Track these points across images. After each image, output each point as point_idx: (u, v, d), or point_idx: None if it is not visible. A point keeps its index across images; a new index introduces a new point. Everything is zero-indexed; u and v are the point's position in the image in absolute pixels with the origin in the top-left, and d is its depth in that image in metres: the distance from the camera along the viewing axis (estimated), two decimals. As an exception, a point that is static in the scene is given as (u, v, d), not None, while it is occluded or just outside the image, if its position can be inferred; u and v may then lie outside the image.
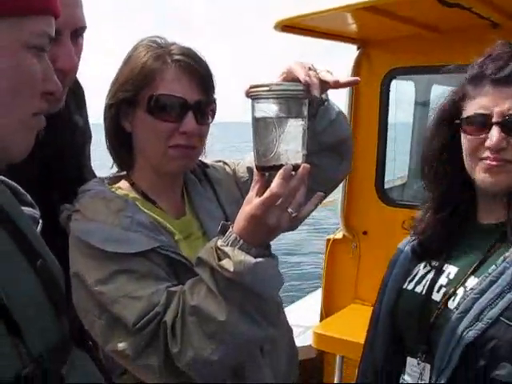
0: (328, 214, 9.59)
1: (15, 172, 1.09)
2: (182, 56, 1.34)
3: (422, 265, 1.46)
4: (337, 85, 1.30)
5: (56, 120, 1.37)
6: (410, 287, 1.44)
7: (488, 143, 1.29)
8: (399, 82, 3.40)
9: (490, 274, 1.28)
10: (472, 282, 1.31)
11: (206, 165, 1.55)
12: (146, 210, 1.35)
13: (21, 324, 0.75)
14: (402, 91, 3.55)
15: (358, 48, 3.33)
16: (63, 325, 0.87)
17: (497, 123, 1.28)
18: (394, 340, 1.46)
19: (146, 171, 1.41)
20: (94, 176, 1.61)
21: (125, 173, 1.45)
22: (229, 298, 1.15)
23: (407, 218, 1.55)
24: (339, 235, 3.52)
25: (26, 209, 1.02)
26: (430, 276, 1.41)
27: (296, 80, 1.22)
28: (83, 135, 1.59)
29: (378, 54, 3.29)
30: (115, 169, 1.48)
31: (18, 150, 0.88)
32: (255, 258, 1.14)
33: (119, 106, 1.36)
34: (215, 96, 1.40)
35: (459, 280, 1.34)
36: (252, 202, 1.15)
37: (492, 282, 1.26)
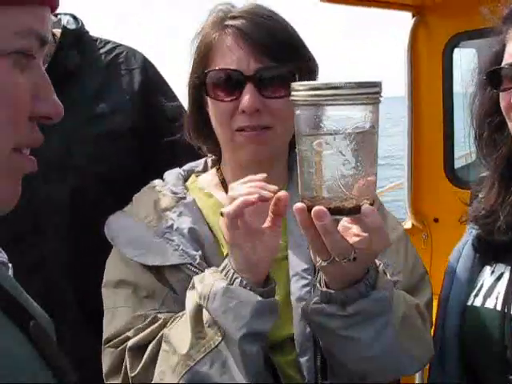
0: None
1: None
2: (239, 19, 1.10)
3: (487, 271, 1.24)
4: None
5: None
6: (477, 303, 1.22)
7: None
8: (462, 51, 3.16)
9: None
10: None
11: None
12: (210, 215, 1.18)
13: None
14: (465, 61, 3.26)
15: (413, 16, 3.11)
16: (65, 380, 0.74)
17: None
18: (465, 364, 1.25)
19: (229, 162, 1.22)
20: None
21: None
22: (192, 326, 0.99)
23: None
24: (408, 225, 3.25)
25: None
26: (501, 286, 1.19)
27: None
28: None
29: (436, 20, 3.08)
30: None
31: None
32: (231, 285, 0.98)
33: (193, 93, 1.20)
34: (308, 57, 1.18)
35: None
36: None
37: None
